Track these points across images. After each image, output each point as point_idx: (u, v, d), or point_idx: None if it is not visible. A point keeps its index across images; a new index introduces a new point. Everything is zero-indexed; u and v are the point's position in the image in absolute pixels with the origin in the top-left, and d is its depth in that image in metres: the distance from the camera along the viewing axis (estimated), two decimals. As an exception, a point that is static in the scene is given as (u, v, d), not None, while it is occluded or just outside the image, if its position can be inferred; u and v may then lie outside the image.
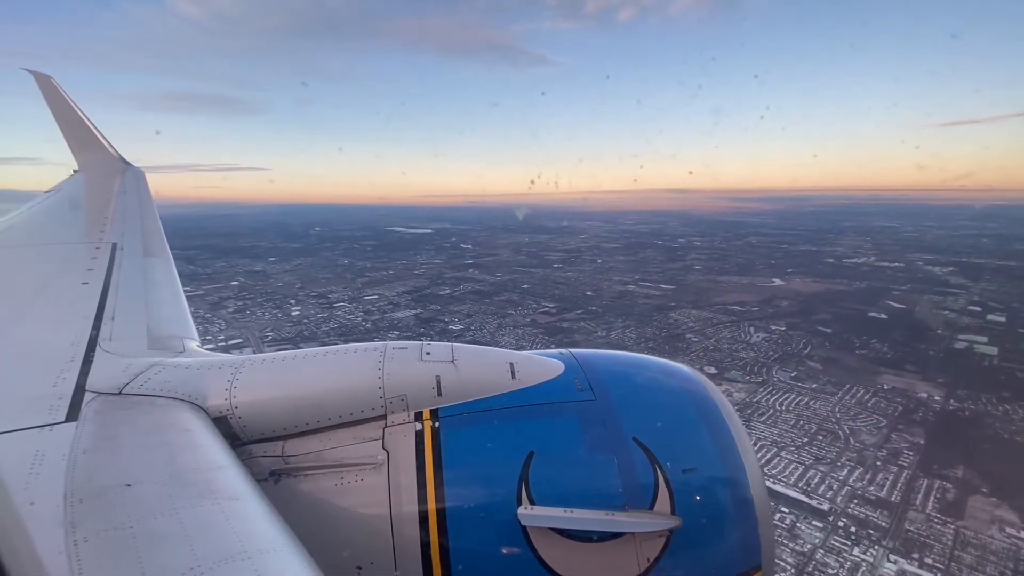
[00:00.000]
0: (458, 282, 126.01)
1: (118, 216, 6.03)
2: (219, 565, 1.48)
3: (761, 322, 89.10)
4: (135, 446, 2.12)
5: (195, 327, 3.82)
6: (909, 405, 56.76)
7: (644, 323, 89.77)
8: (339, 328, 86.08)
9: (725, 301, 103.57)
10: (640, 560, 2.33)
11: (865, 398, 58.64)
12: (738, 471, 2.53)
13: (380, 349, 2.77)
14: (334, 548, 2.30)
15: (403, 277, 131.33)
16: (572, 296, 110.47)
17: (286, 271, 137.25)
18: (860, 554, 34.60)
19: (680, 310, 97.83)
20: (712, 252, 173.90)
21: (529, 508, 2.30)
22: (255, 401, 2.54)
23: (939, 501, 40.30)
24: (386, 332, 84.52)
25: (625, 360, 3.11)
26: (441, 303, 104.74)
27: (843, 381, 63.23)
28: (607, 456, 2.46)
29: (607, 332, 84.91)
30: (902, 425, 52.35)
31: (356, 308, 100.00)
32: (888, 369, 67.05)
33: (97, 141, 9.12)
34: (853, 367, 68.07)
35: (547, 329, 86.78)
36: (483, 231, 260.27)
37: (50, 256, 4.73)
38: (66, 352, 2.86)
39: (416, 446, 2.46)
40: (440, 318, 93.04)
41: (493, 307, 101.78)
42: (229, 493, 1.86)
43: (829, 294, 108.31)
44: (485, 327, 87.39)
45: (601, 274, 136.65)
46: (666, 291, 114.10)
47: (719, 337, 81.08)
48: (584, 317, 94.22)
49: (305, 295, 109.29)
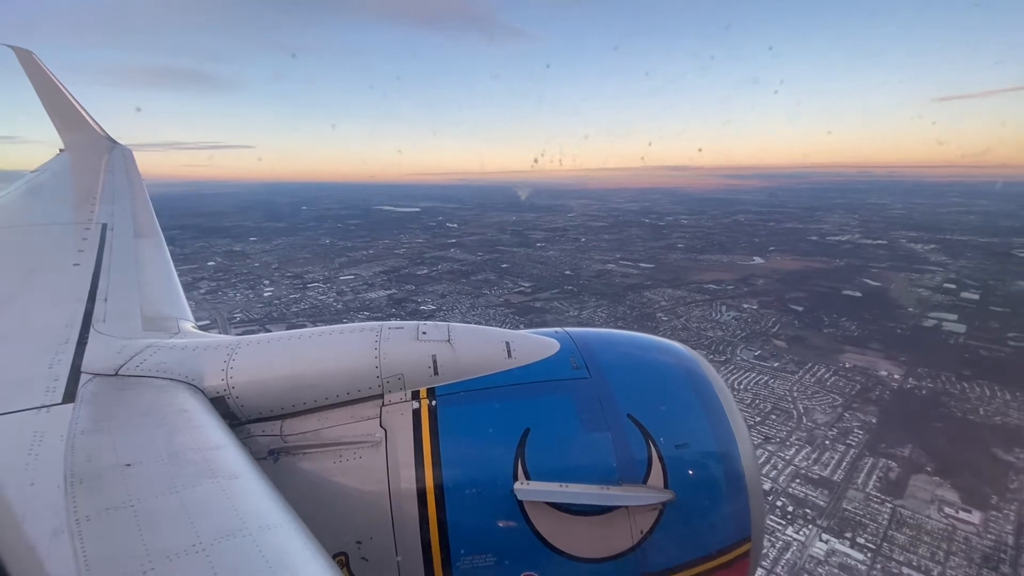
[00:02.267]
0: (437, 262, 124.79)
1: (107, 196, 5.97)
2: (221, 541, 1.50)
3: (734, 301, 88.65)
4: (133, 427, 2.16)
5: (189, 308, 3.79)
6: (867, 384, 56.69)
7: (617, 302, 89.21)
8: (309, 309, 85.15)
9: (702, 280, 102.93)
10: (634, 532, 2.38)
11: (825, 377, 58.53)
12: (730, 446, 2.56)
13: (376, 329, 2.76)
14: (334, 524, 2.33)
15: (383, 257, 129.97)
16: (550, 275, 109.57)
17: (265, 251, 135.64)
18: (793, 534, 34.64)
19: (656, 289, 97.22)
20: (697, 231, 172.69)
21: (525, 483, 2.34)
22: (252, 381, 2.55)
23: (881, 480, 40.33)
24: (356, 313, 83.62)
25: (620, 338, 3.15)
26: (417, 283, 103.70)
27: (805, 360, 63.05)
28: (602, 432, 2.49)
29: (579, 312, 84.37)
30: (857, 404, 52.28)
31: (330, 289, 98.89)
32: (853, 347, 66.87)
33: (83, 119, 8.96)
34: (818, 346, 67.86)
35: (519, 309, 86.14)
36: (472, 210, 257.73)
37: (39, 237, 4.69)
38: (60, 334, 2.86)
39: (413, 424, 2.50)
40: (413, 298, 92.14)
41: (469, 287, 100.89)
42: (229, 472, 1.89)
43: (807, 272, 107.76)
44: (457, 307, 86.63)
45: (582, 253, 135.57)
46: (645, 270, 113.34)
47: (689, 316, 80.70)
48: (558, 297, 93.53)
49: (280, 275, 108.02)
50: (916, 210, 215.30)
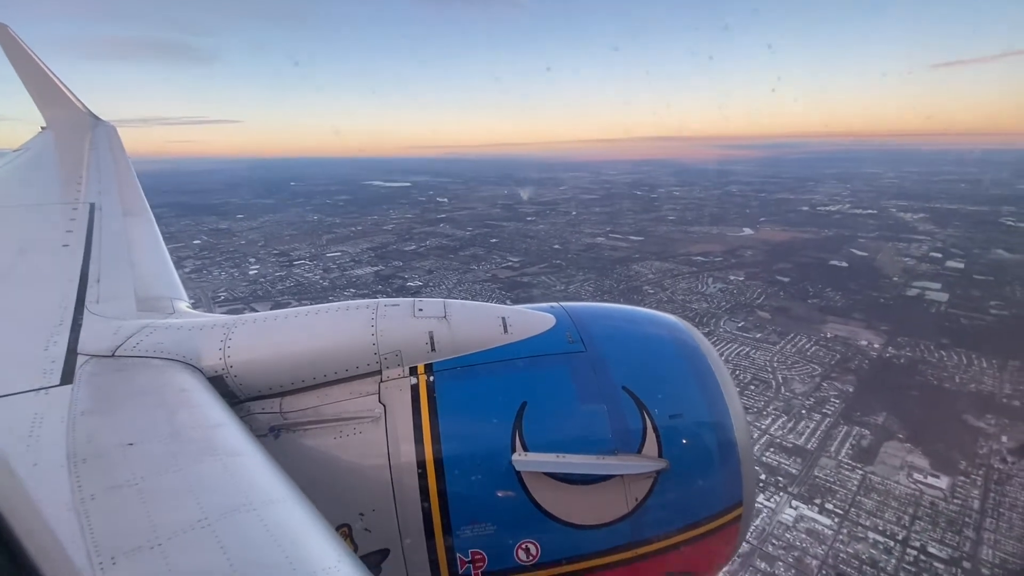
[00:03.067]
0: (426, 237, 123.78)
1: (93, 175, 5.89)
2: (226, 516, 1.53)
3: (721, 272, 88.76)
4: (133, 406, 2.18)
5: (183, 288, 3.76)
6: (847, 353, 57.28)
7: (604, 276, 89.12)
8: (295, 287, 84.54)
9: (690, 252, 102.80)
10: (628, 500, 2.45)
11: (806, 347, 59.06)
12: (723, 415, 2.62)
13: (372, 306, 2.78)
14: (336, 497, 2.37)
15: (371, 233, 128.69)
16: (539, 250, 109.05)
17: (252, 228, 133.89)
18: (763, 501, 35.35)
19: (644, 262, 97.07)
20: (689, 202, 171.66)
21: (523, 455, 2.40)
22: (250, 360, 2.56)
23: (853, 448, 41.11)
24: (343, 290, 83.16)
25: (615, 312, 3.20)
26: (404, 259, 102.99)
27: (788, 330, 63.51)
28: (597, 404, 2.54)
29: (566, 286, 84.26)
30: (835, 373, 52.93)
31: (316, 266, 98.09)
32: (835, 317, 67.36)
33: (63, 95, 8.77)
34: (801, 316, 68.30)
35: (506, 284, 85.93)
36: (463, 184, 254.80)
37: (26, 218, 4.67)
38: (54, 315, 2.85)
39: (412, 399, 2.53)
40: (400, 275, 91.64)
41: (457, 262, 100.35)
42: (230, 449, 1.93)
43: (796, 243, 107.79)
44: (444, 283, 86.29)
45: (572, 227, 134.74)
46: (634, 243, 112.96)
47: (675, 288, 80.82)
48: (546, 271, 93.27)
49: (266, 253, 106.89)
50: (908, 179, 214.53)
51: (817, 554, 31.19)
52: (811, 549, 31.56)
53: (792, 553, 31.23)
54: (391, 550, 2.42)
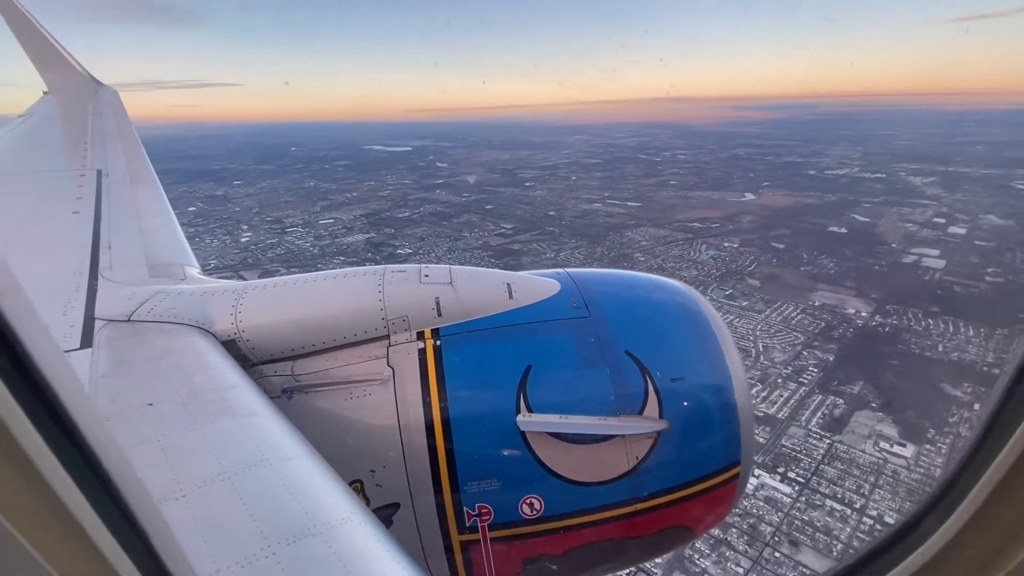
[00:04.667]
0: (421, 204, 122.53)
1: (98, 141, 5.93)
2: (244, 471, 1.62)
3: (715, 239, 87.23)
4: (151, 369, 2.26)
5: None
6: (832, 321, 56.54)
7: (596, 243, 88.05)
8: (284, 255, 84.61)
9: (687, 218, 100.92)
10: (629, 458, 2.56)
11: (791, 315, 58.34)
12: (724, 379, 2.71)
13: (379, 272, 2.86)
14: (348, 455, 2.48)
15: (366, 199, 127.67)
16: (533, 216, 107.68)
17: (248, 195, 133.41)
18: (726, 469, 35.58)
19: (638, 228, 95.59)
20: (693, 166, 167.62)
21: (527, 416, 2.51)
22: (262, 324, 2.66)
23: (824, 417, 40.98)
24: (332, 258, 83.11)
25: (619, 278, 3.25)
26: (397, 226, 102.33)
27: (775, 298, 62.66)
28: (600, 368, 2.62)
29: (556, 253, 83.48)
30: (818, 342, 52.38)
31: (308, 233, 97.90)
32: (826, 285, 66.25)
33: (63, 59, 8.77)
34: (791, 284, 67.25)
35: (497, 252, 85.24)
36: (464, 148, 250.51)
37: (36, 185, 4.73)
38: (69, 282, 2.95)
39: (420, 363, 2.62)
40: (391, 242, 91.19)
41: (449, 229, 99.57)
42: (245, 409, 2.02)
43: (797, 208, 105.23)
44: (434, 251, 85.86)
45: (570, 192, 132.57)
46: (631, 209, 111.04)
47: (667, 256, 79.71)
48: (538, 238, 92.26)
49: (260, 220, 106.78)
50: (925, 141, 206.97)
51: (772, 521, 31.51)
52: (767, 516, 31.86)
53: (747, 520, 31.57)
54: (401, 504, 2.53)
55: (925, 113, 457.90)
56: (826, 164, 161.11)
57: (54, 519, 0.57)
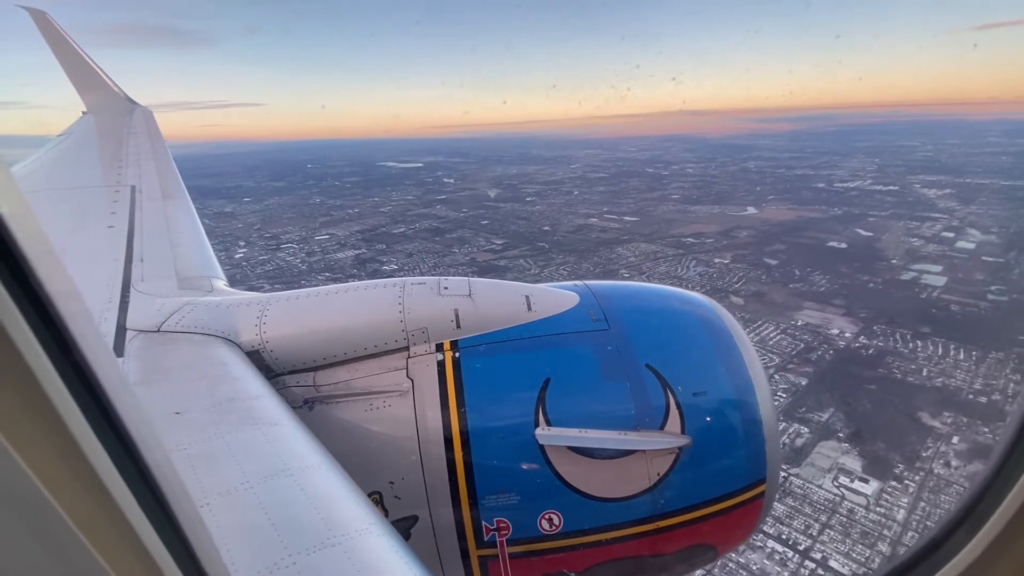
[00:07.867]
0: (418, 219, 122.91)
1: (132, 159, 6.12)
2: (266, 480, 1.66)
3: (707, 255, 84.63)
4: (179, 378, 2.34)
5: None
6: (812, 343, 53.58)
7: (584, 259, 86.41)
8: (272, 271, 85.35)
9: (682, 233, 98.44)
10: (651, 474, 2.52)
11: (770, 335, 55.61)
12: (748, 393, 2.65)
13: (399, 285, 2.89)
14: (367, 466, 2.50)
15: (366, 215, 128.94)
16: (526, 232, 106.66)
17: (254, 212, 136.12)
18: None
19: (629, 244, 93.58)
20: (699, 180, 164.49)
21: (546, 429, 2.49)
22: (285, 336, 2.71)
23: (784, 447, 38.23)
24: (318, 274, 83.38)
25: (639, 290, 3.27)
26: (389, 242, 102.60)
27: (757, 317, 59.92)
28: (620, 381, 2.60)
29: (541, 270, 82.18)
30: (793, 364, 49.61)
31: (301, 249, 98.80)
32: (813, 304, 63.16)
33: (101, 80, 9.06)
34: (777, 302, 64.34)
35: (482, 268, 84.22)
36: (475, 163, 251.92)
37: (73, 200, 4.91)
38: (103, 293, 3.05)
39: (439, 375, 2.63)
40: (379, 258, 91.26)
41: (440, 246, 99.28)
42: (269, 419, 2.07)
43: (798, 223, 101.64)
44: (419, 267, 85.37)
45: (569, 207, 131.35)
46: (627, 224, 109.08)
47: (653, 273, 77.43)
48: (527, 254, 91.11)
49: (258, 237, 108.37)
50: (946, 152, 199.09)
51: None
52: (700, 558, 29.49)
53: (680, 561, 29.26)
54: (419, 517, 2.53)
55: (948, 123, 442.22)
56: (838, 176, 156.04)
57: (107, 520, 0.59)
